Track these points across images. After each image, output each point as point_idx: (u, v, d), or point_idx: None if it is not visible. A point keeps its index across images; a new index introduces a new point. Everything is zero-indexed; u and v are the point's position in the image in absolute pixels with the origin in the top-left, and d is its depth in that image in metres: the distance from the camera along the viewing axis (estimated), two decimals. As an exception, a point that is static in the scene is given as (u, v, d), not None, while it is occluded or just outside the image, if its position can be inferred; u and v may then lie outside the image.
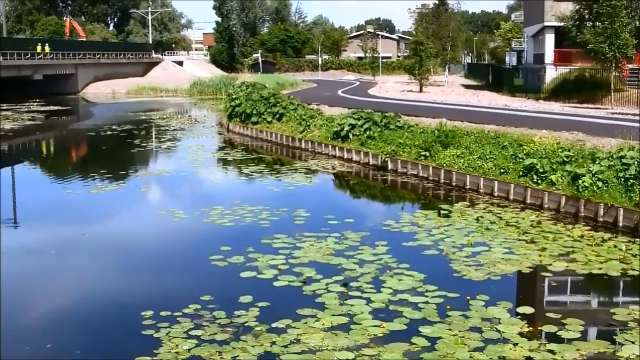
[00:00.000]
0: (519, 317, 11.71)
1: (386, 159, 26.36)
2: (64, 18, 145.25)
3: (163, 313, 11.81)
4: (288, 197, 22.32)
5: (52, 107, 66.52)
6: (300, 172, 26.75)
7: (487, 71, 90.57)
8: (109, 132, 43.38)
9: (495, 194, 21.28)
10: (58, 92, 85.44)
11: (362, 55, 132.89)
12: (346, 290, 12.87)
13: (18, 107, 66.04)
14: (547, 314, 12.05)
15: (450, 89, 74.66)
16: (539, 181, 20.19)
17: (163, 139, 39.07)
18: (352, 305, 12.10)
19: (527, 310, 12.07)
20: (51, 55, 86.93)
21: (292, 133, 34.22)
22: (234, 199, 21.29)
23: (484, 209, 19.76)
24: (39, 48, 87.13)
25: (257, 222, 18.45)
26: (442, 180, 23.65)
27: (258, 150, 34.23)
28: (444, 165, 23.77)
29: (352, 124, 29.48)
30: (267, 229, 17.66)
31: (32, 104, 70.44)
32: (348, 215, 19.18)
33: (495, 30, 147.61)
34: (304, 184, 24.73)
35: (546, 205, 19.57)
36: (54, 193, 25.47)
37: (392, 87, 79.32)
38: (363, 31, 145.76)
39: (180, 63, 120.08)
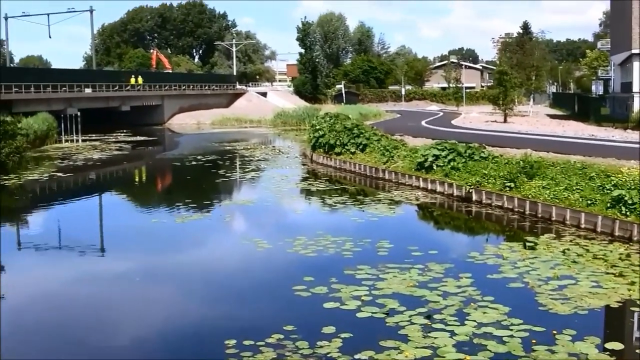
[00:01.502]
0: (608, 353, 11.43)
1: (470, 190, 26.18)
2: (151, 50, 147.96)
3: (246, 342, 11.88)
4: (371, 228, 22.29)
5: (138, 138, 67.87)
6: (383, 203, 26.70)
7: (573, 100, 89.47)
8: (194, 162, 43.98)
9: (582, 226, 20.92)
10: (144, 123, 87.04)
11: (446, 85, 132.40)
12: (430, 323, 12.77)
13: (106, 137, 67.58)
14: (637, 351, 11.80)
15: (535, 119, 73.94)
16: (628, 213, 19.79)
17: (247, 169, 39.43)
18: (435, 337, 12.00)
19: (616, 346, 11.77)
20: (138, 87, 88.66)
21: (376, 164, 34.20)
22: (317, 229, 21.35)
23: (571, 241, 19.42)
24: (132, 80, 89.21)
25: (341, 252, 18.46)
26: (527, 212, 23.35)
27: (341, 181, 34.29)
28: (530, 196, 23.49)
29: (436, 155, 29.37)
30: (350, 259, 17.66)
31: (119, 134, 71.94)
32: (432, 246, 19.08)
33: (580, 59, 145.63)
34: (388, 215, 24.66)
35: (635, 238, 19.15)
36: (140, 222, 25.92)
37: (476, 117, 78.91)
38: (446, 61, 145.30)
39: (264, 94, 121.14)
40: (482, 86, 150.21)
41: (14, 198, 32.88)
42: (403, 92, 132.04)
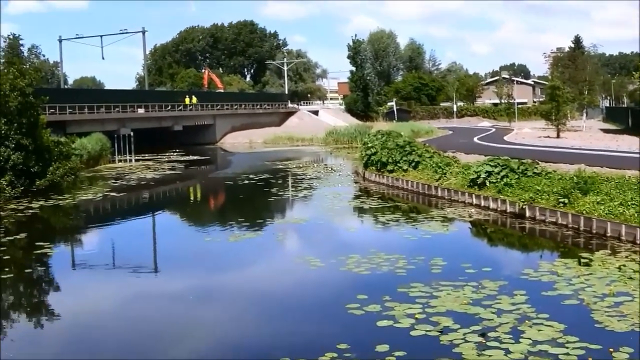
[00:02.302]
0: (666, 370, 11.33)
1: (524, 207, 26.00)
2: (203, 70, 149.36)
3: (300, 361, 11.96)
4: (424, 246, 22.23)
5: (191, 157, 68.47)
6: (436, 220, 26.61)
7: (627, 115, 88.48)
8: (246, 181, 44.22)
9: (638, 242, 20.68)
10: (197, 142, 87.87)
11: (497, 101, 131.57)
12: (484, 341, 12.71)
13: (159, 157, 68.27)
14: (695, 368, 11.65)
15: (588, 134, 73.33)
16: (685, 229, 19.55)
17: (299, 188, 39.56)
18: (490, 356, 11.95)
19: (674, 363, 11.65)
20: (190, 107, 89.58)
21: (428, 181, 34.13)
22: (370, 247, 21.35)
23: (627, 257, 19.19)
24: (187, 100, 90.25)
25: (394, 270, 18.45)
26: (581, 228, 23.12)
27: (394, 198, 34.25)
28: (584, 212, 23.26)
29: (489, 171, 29.24)
30: (403, 277, 17.64)
31: (172, 153, 72.65)
32: (485, 264, 18.98)
33: (634, 72, 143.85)
34: (441, 232, 24.59)
35: (692, 254, 18.93)
36: (194, 241, 26.15)
37: (528, 133, 78.39)
38: (498, 77, 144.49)
39: (315, 112, 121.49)
40: (534, 102, 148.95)
41: (68, 218, 33.37)
42: (455, 109, 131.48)
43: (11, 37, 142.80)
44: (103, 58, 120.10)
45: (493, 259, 21.27)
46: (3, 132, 36.78)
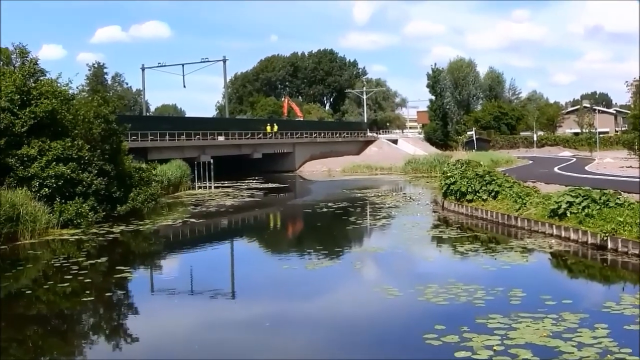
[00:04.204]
0: None
1: (605, 238, 25.52)
2: (282, 99, 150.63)
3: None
4: (504, 277, 21.94)
5: (270, 185, 69.03)
6: (516, 251, 26.26)
7: None
8: (324, 209, 44.32)
9: None
10: (276, 170, 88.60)
11: (578, 130, 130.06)
12: (564, 374, 12.49)
13: (238, 184, 68.93)
14: None
15: (673, 164, 71.75)
16: None
17: (378, 217, 39.44)
18: (571, 390, 11.73)
19: None
20: (270, 135, 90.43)
21: (508, 211, 33.76)
22: (448, 277, 21.15)
23: None
24: (268, 128, 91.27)
25: (472, 301, 18.23)
26: (666, 261, 22.63)
27: (473, 228, 33.91)
28: (669, 245, 22.77)
29: (570, 202, 28.79)
30: (482, 308, 17.41)
31: (251, 181, 73.29)
32: (566, 295, 18.63)
33: None
34: (520, 263, 24.24)
35: None
36: (272, 267, 26.21)
37: (610, 163, 77.13)
38: (579, 106, 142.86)
39: (394, 141, 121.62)
40: (616, 131, 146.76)
41: (148, 243, 33.81)
42: (535, 138, 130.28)
43: (96, 65, 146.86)
44: (184, 86, 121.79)
45: (573, 291, 20.87)
46: (87, 158, 37.50)
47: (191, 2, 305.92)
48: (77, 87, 44.84)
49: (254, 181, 73.59)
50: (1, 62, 44.15)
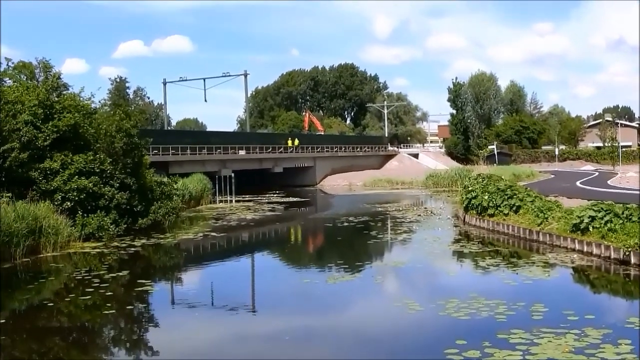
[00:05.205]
0: None
1: (629, 253, 25.37)
2: (303, 113, 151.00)
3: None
4: (525, 291, 21.81)
5: (291, 199, 69.07)
6: (537, 266, 26.13)
7: None
8: (345, 223, 44.28)
9: None
10: (296, 184, 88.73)
11: (601, 144, 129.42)
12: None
13: (259, 198, 69.06)
14: None
15: (697, 178, 71.27)
16: None
17: (398, 231, 39.35)
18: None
19: None
20: (290, 149, 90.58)
21: (530, 225, 33.63)
22: (469, 291, 21.07)
23: None
24: (289, 142, 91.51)
25: (494, 315, 18.14)
26: (690, 276, 22.46)
27: (494, 242, 33.77)
28: (693, 260, 22.60)
29: (592, 216, 28.64)
30: (503, 323, 17.32)
31: (272, 195, 73.39)
32: (588, 311, 18.51)
33: None
34: (542, 277, 24.11)
35: None
36: (292, 281, 26.20)
37: (633, 177, 76.59)
38: (601, 120, 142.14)
39: (415, 155, 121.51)
40: (639, 144, 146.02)
41: (169, 256, 33.87)
42: (556, 152, 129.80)
43: (118, 79, 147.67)
44: (205, 100, 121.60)
45: (596, 306, 20.72)
46: (108, 171, 37.72)
47: (213, 17, 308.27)
48: (99, 101, 45.15)
49: (275, 195, 73.66)
50: (25, 77, 44.54)
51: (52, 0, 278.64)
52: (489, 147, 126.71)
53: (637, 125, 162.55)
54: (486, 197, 38.46)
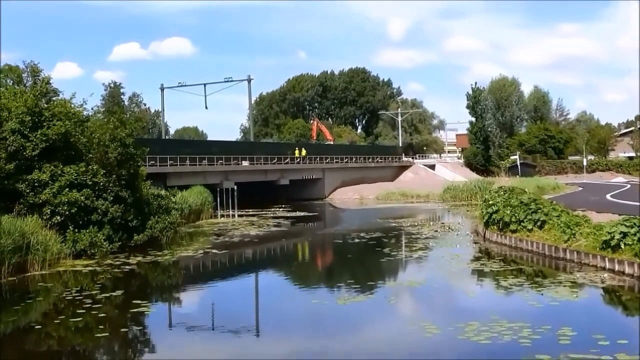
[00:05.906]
0: None
1: (663, 272, 25.27)
2: (311, 121, 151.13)
3: None
4: (551, 314, 21.71)
5: (298, 213, 69.01)
6: (564, 286, 26.00)
7: None
8: (356, 240, 44.20)
9: None
10: (304, 197, 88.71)
11: (633, 154, 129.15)
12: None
13: (263, 212, 69.04)
14: None
15: None
16: None
17: (414, 248, 39.25)
18: None
19: None
20: (298, 160, 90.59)
21: (555, 242, 33.51)
22: (491, 314, 20.97)
23: None
24: (297, 152, 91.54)
25: (517, 340, 18.02)
26: None
27: (517, 260, 33.64)
28: None
29: (624, 232, 28.50)
30: (527, 348, 17.21)
31: (277, 209, 73.40)
32: (620, 335, 18.39)
33: None
34: (569, 298, 24.00)
35: None
36: (300, 302, 26.10)
37: (667, 190, 76.54)
38: (633, 128, 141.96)
39: (432, 166, 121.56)
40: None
41: (166, 275, 33.84)
42: (585, 163, 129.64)
43: (112, 85, 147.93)
44: (206, 107, 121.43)
45: (629, 330, 20.59)
46: (102, 184, 37.71)
47: (215, 17, 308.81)
48: (92, 108, 45.25)
49: (281, 209, 73.66)
50: (12, 81, 44.60)
51: (40, 0, 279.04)
52: (511, 157, 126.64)
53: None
54: (508, 212, 38.35)
